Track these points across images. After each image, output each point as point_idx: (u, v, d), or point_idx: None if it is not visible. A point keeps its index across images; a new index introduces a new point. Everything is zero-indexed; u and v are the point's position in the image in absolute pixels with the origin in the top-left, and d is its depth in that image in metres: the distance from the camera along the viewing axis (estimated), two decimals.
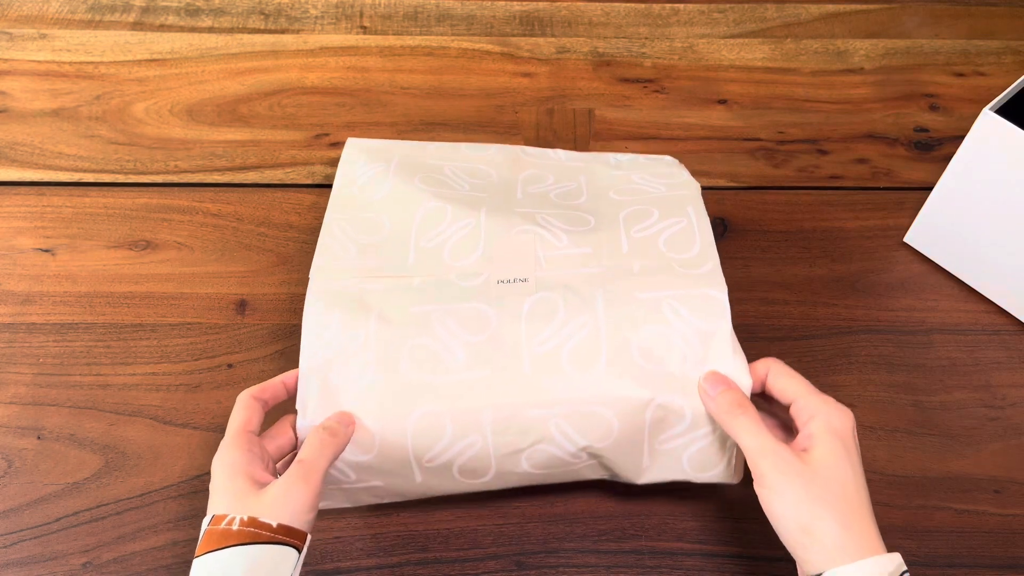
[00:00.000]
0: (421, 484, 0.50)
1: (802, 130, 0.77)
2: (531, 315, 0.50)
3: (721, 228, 0.69)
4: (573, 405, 0.48)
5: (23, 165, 0.72)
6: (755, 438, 0.45)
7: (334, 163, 0.73)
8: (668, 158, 0.67)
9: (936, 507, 0.55)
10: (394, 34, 0.84)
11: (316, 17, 0.86)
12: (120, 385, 0.59)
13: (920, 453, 0.57)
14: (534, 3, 0.88)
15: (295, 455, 0.47)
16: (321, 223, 0.68)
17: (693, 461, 0.50)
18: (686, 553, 0.53)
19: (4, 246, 0.66)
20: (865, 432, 0.58)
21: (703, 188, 0.59)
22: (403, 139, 0.75)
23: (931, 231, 0.66)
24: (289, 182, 0.71)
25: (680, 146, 0.75)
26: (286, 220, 0.69)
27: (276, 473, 0.47)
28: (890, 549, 0.42)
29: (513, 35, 0.85)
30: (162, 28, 0.84)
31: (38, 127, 0.75)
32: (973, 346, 0.62)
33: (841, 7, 0.89)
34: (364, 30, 0.85)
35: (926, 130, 0.77)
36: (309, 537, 0.44)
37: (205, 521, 0.44)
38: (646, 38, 0.85)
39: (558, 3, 0.88)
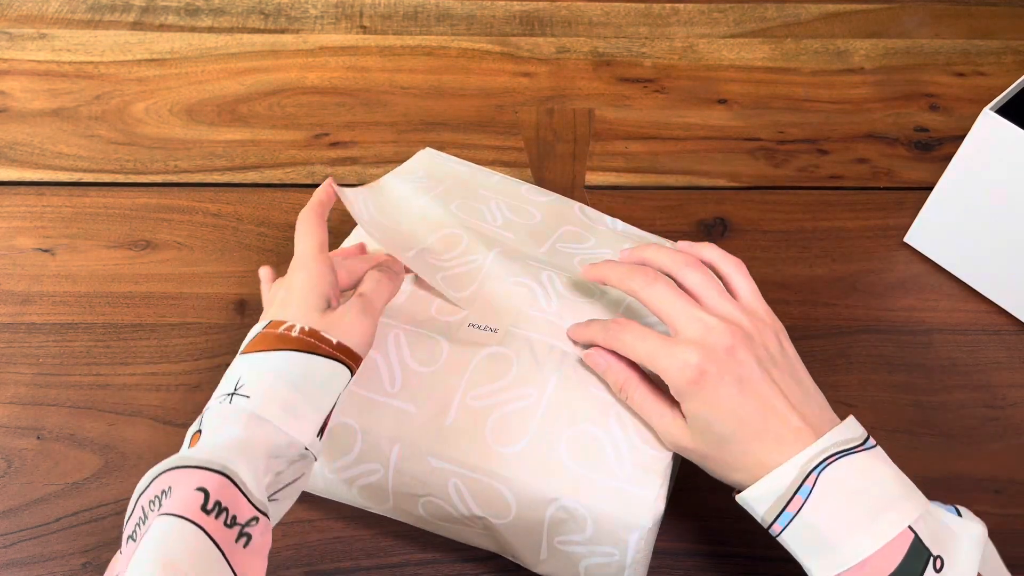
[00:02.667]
0: (324, 490, 0.51)
1: (802, 130, 0.77)
2: (480, 366, 0.48)
3: (721, 228, 0.69)
4: (476, 473, 0.46)
5: (23, 165, 0.72)
6: (652, 421, 0.45)
7: (334, 163, 0.73)
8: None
9: None
10: (394, 34, 0.84)
11: (316, 17, 0.86)
12: (120, 385, 0.59)
13: (920, 453, 0.57)
14: (534, 3, 0.88)
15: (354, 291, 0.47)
16: None
17: (591, 573, 0.47)
18: (686, 553, 0.53)
19: (4, 246, 0.66)
20: None
21: (703, 188, 0.58)
22: (404, 138, 0.75)
23: (931, 231, 0.66)
24: (289, 182, 0.71)
25: (680, 146, 0.75)
26: (286, 220, 0.69)
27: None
28: None
29: (513, 35, 0.85)
30: (162, 28, 0.84)
31: (38, 127, 0.75)
32: (973, 346, 0.62)
33: (841, 7, 0.89)
34: (364, 30, 0.85)
35: (926, 130, 0.77)
36: (359, 368, 0.44)
37: (256, 327, 0.43)
38: (646, 38, 0.85)
39: (558, 3, 0.88)
